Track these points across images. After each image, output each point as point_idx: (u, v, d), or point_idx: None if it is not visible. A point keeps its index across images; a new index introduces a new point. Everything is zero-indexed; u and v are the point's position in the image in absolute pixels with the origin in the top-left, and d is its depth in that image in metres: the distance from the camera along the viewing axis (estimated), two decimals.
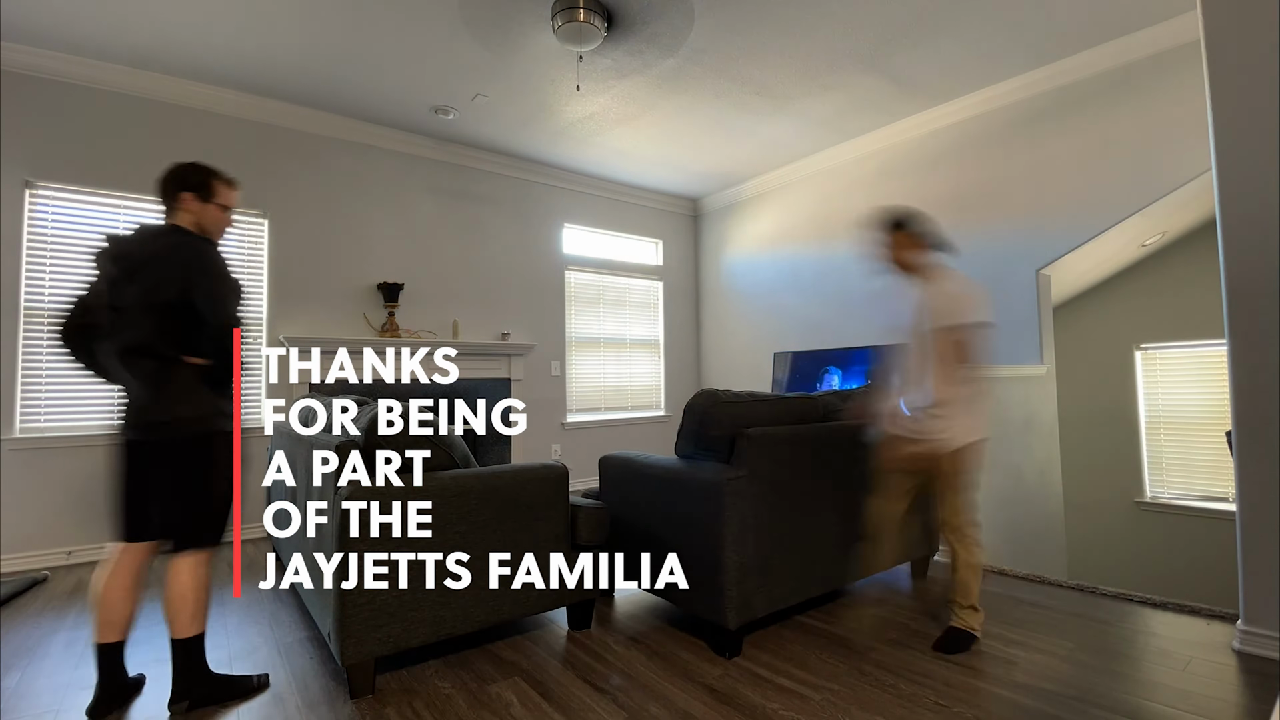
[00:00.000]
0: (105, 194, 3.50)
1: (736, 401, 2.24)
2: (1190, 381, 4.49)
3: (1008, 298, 3.90)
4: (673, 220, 6.21)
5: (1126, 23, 3.24)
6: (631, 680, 1.92)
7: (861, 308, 4.75)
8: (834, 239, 4.97)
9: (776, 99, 4.01)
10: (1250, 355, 2.03)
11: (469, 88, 3.80)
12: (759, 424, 2.23)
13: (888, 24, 3.19)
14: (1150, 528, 4.57)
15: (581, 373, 5.46)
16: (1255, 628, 2.02)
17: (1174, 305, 4.54)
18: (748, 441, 2.10)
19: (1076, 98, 3.62)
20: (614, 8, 3.01)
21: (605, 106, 4.08)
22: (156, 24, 3.09)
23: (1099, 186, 3.52)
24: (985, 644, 2.14)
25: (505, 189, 5.04)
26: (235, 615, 2.50)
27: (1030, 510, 3.62)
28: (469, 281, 4.80)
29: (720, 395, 2.22)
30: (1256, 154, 2.03)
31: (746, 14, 3.08)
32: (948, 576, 2.83)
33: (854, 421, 2.48)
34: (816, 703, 1.77)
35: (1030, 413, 3.73)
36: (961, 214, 4.15)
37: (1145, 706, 1.73)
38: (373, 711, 1.75)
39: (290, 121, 4.04)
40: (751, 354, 5.69)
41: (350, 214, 4.28)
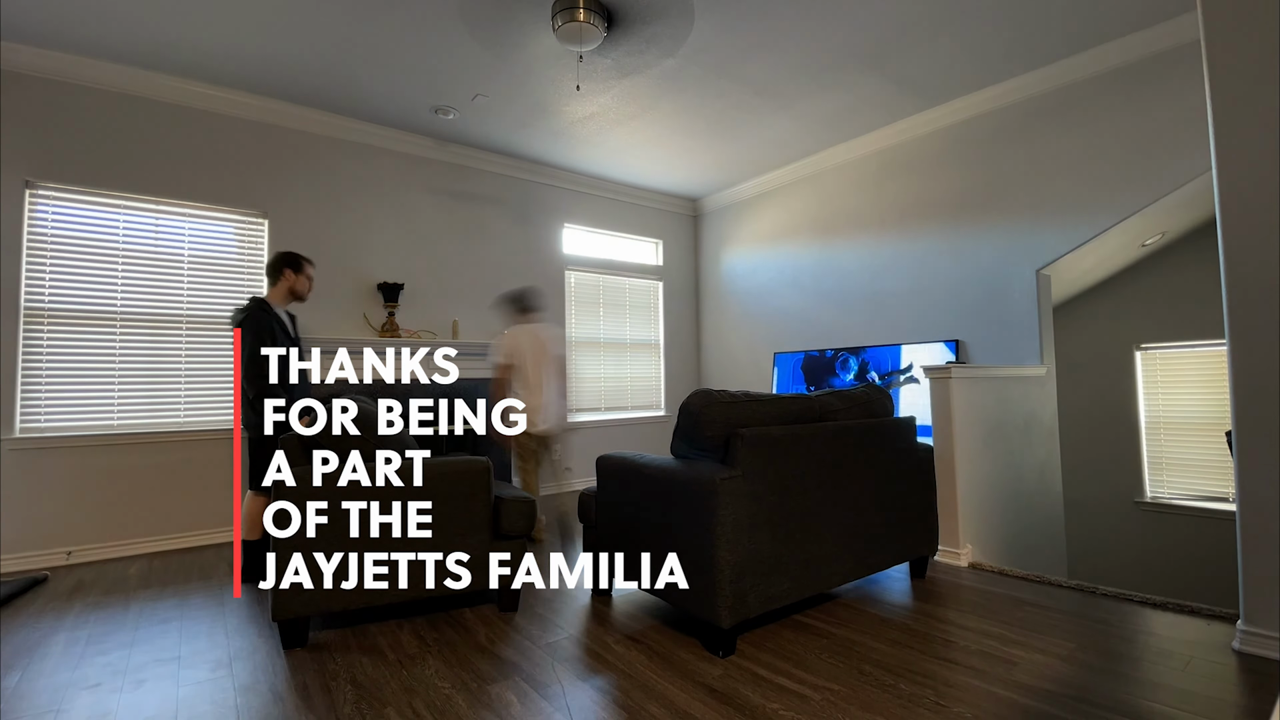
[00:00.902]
0: (105, 194, 3.50)
1: (732, 402, 2.23)
2: (1190, 381, 4.49)
3: (1008, 298, 3.90)
4: (673, 220, 6.21)
5: (1126, 23, 3.24)
6: (631, 680, 1.92)
7: (862, 308, 4.75)
8: (834, 239, 4.98)
9: (777, 99, 4.01)
10: (1250, 355, 2.03)
11: (469, 88, 3.80)
12: (754, 424, 2.23)
13: (888, 24, 3.19)
14: (1150, 528, 4.57)
15: (582, 373, 5.46)
16: (1255, 628, 2.02)
17: (1174, 305, 4.54)
18: (742, 441, 2.10)
19: (1076, 98, 3.62)
20: (614, 8, 3.01)
21: (605, 106, 4.09)
22: (156, 24, 3.09)
23: (1099, 186, 3.52)
24: (985, 644, 2.14)
25: (505, 189, 5.04)
26: (235, 615, 2.50)
27: (1030, 510, 3.62)
28: (469, 281, 4.81)
29: (715, 395, 2.22)
30: (1256, 154, 2.03)
31: (747, 14, 3.08)
32: (950, 577, 2.83)
33: (851, 421, 2.51)
34: (816, 703, 1.77)
35: (1030, 413, 3.73)
36: (961, 214, 4.15)
37: (1145, 706, 1.73)
38: (372, 711, 1.75)
39: (290, 121, 4.04)
40: (751, 354, 5.70)
41: (350, 214, 4.28)
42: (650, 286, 6.04)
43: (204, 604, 2.64)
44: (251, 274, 3.92)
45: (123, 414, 3.51)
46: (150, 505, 3.53)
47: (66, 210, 3.41)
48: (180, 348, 3.67)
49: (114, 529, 3.43)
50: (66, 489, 3.33)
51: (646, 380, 5.94)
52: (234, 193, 3.85)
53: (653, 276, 6.03)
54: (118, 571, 3.14)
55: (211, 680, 1.95)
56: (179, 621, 2.44)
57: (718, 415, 2.17)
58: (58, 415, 3.35)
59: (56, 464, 3.31)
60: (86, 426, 3.41)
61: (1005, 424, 3.48)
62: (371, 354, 4.19)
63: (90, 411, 3.43)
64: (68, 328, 3.38)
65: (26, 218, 3.30)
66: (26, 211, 3.30)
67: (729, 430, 2.15)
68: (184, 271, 3.70)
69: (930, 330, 4.30)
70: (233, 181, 3.85)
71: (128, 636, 2.30)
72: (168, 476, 3.58)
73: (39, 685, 1.93)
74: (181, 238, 3.71)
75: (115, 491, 3.44)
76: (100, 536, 3.40)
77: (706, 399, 2.21)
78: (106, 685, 1.92)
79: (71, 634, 2.34)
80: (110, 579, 3.02)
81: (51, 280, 3.35)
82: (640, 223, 5.94)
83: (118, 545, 3.43)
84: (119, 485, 3.45)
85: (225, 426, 3.75)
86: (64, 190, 3.40)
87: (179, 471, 3.62)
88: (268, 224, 3.97)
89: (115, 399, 3.49)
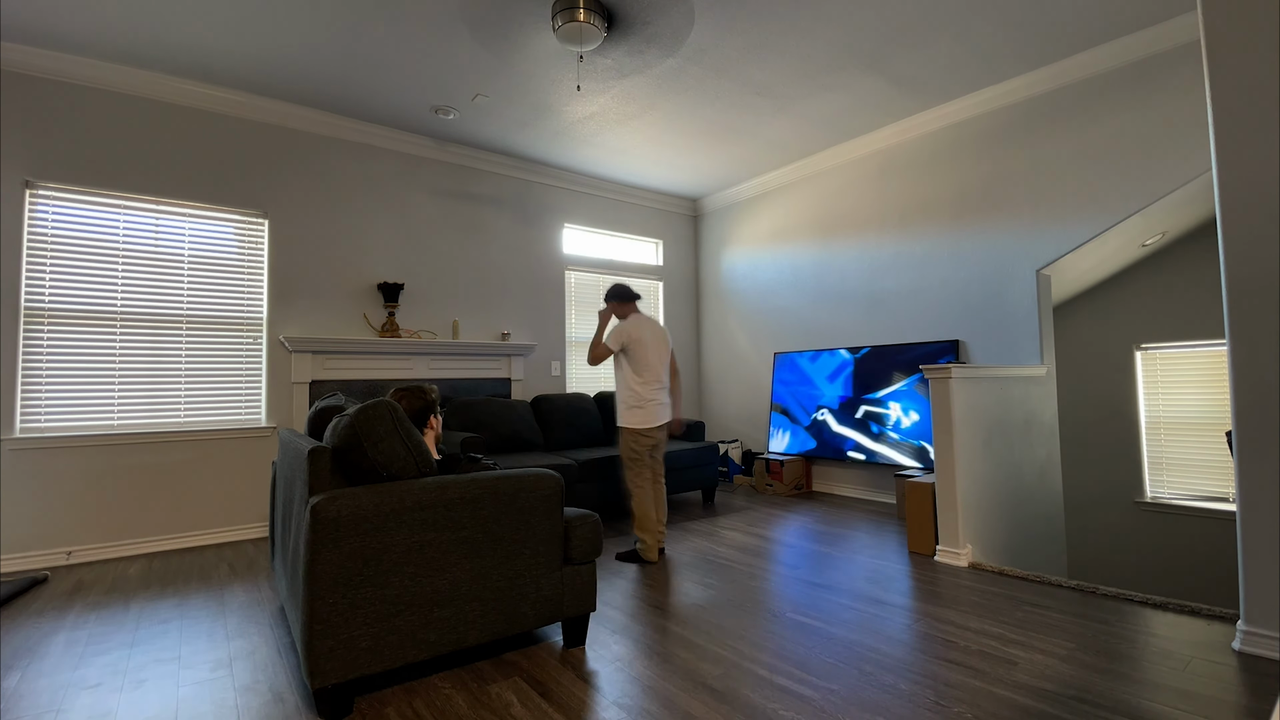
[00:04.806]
0: (105, 194, 3.50)
1: None
2: (1190, 381, 4.48)
3: (1008, 298, 3.90)
4: (673, 220, 6.21)
5: (1126, 23, 3.24)
6: (631, 679, 1.92)
7: (862, 307, 4.75)
8: (834, 239, 4.98)
9: (777, 99, 4.02)
10: (1250, 355, 2.03)
11: (469, 88, 3.80)
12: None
13: (888, 24, 3.19)
14: (1150, 528, 4.57)
15: (582, 373, 5.46)
16: (1255, 628, 2.02)
17: (1174, 305, 4.54)
18: None
19: (1076, 98, 3.62)
20: (614, 8, 3.01)
21: (605, 106, 4.09)
22: (156, 24, 3.09)
23: (1099, 186, 3.52)
24: (985, 644, 2.14)
25: (505, 189, 5.04)
26: (235, 615, 2.51)
27: (1030, 510, 3.62)
28: (469, 281, 4.81)
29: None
30: (1256, 154, 2.03)
31: (747, 14, 3.08)
32: (950, 577, 2.83)
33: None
34: (817, 702, 1.77)
35: (1030, 413, 3.73)
36: (961, 214, 4.15)
37: (1145, 706, 1.73)
38: (373, 711, 1.75)
39: (290, 121, 4.04)
40: (751, 354, 5.70)
41: (350, 214, 4.28)
42: (650, 286, 6.04)
43: (204, 604, 2.64)
44: (252, 274, 3.92)
45: (123, 414, 3.51)
46: (150, 505, 3.53)
47: (66, 210, 3.41)
48: (180, 348, 3.67)
49: (114, 529, 3.43)
50: (66, 489, 3.33)
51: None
52: (234, 193, 3.85)
53: (653, 276, 6.03)
54: (118, 571, 3.15)
55: (211, 680, 1.95)
56: (179, 621, 2.44)
57: None
58: (58, 415, 3.35)
59: (56, 464, 3.31)
60: (86, 426, 3.41)
61: (1005, 424, 3.48)
62: (372, 354, 4.19)
63: (90, 411, 3.43)
64: (68, 328, 3.38)
65: (26, 218, 3.30)
66: (26, 211, 3.30)
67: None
68: (184, 271, 3.70)
69: (930, 330, 4.30)
70: (233, 181, 3.85)
71: (128, 636, 2.30)
72: (168, 476, 3.58)
73: (39, 685, 1.93)
74: (181, 238, 3.71)
75: (115, 491, 3.44)
76: (100, 536, 3.40)
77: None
78: (106, 685, 1.92)
79: (71, 634, 2.34)
80: (110, 579, 3.02)
81: (51, 280, 3.35)
82: (640, 223, 5.94)
83: (118, 545, 3.43)
84: (119, 485, 3.45)
85: (225, 426, 3.76)
86: (64, 190, 3.40)
87: (179, 471, 3.62)
88: (268, 224, 3.97)
89: (115, 399, 3.49)
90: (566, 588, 2.13)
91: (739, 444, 5.75)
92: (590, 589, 2.18)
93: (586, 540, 2.17)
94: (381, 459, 1.83)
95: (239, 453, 3.81)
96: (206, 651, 2.17)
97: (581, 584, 2.16)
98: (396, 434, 1.87)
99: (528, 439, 4.34)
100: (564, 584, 2.13)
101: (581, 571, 2.17)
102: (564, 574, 2.13)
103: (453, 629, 1.88)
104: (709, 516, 4.16)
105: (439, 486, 1.89)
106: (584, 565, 2.18)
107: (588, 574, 2.18)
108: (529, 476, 2.09)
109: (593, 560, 2.20)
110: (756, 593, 2.69)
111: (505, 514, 2.00)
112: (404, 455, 1.88)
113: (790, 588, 2.74)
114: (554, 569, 2.10)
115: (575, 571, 2.15)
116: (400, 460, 1.87)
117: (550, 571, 2.09)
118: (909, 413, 4.25)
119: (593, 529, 2.19)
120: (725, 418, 5.98)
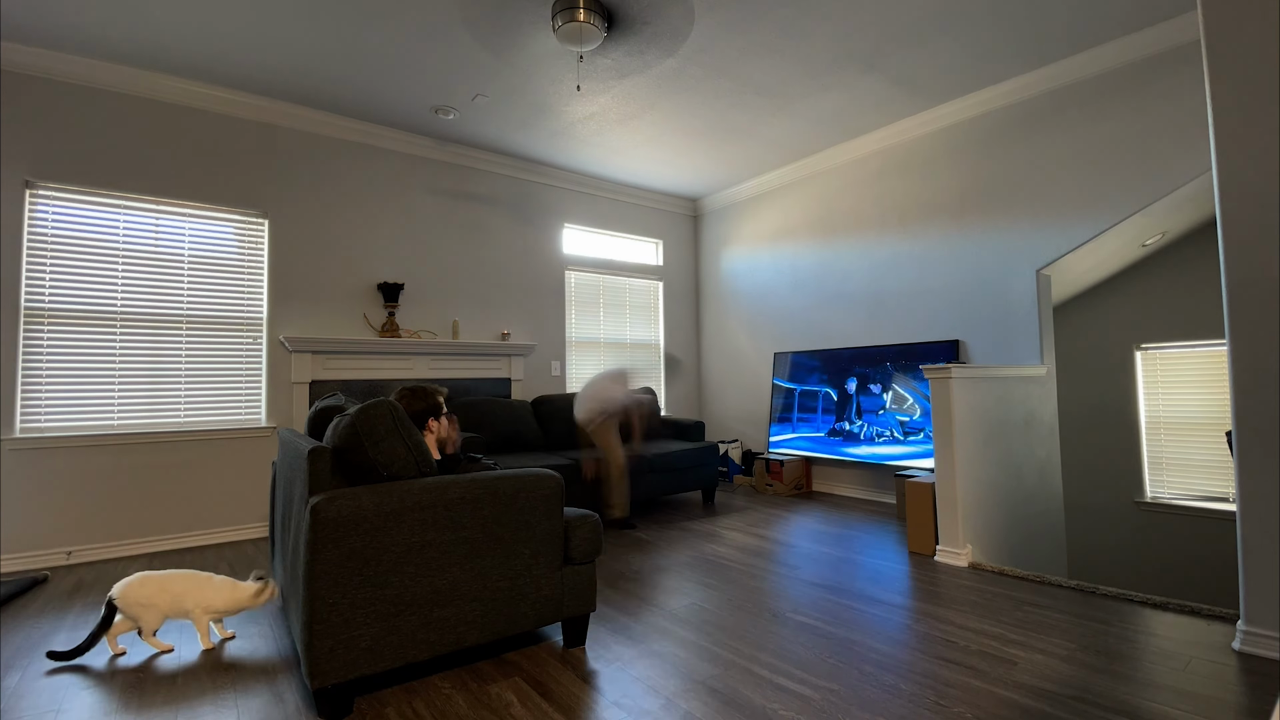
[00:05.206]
0: (105, 194, 3.50)
1: None
2: (1190, 381, 4.48)
3: (1008, 298, 3.90)
4: (673, 220, 6.21)
5: (1125, 23, 3.24)
6: (631, 679, 1.92)
7: (862, 307, 4.75)
8: (834, 239, 4.98)
9: (776, 99, 4.02)
10: (1251, 355, 2.03)
11: (469, 88, 3.80)
12: None
13: (888, 24, 3.19)
14: (1150, 528, 4.57)
15: (582, 373, 5.46)
16: (1255, 628, 2.02)
17: (1174, 305, 4.54)
18: None
19: (1076, 98, 3.62)
20: (614, 8, 3.01)
21: (605, 106, 4.09)
22: (156, 24, 3.09)
23: (1099, 186, 3.52)
24: (985, 644, 2.14)
25: (505, 189, 5.04)
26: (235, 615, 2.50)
27: (1030, 510, 3.62)
28: (469, 281, 4.81)
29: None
30: (1256, 154, 2.03)
31: (746, 14, 3.08)
32: (950, 577, 2.83)
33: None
34: (817, 703, 1.77)
35: (1030, 413, 3.73)
36: (961, 214, 4.15)
37: (1145, 706, 1.73)
38: (373, 711, 1.75)
39: (291, 121, 4.04)
40: (751, 354, 5.70)
41: (350, 214, 4.28)
42: (650, 286, 6.04)
43: None
44: (252, 274, 3.92)
45: (123, 414, 3.51)
46: (150, 505, 3.53)
47: (66, 210, 3.41)
48: (180, 348, 3.67)
49: (114, 529, 3.43)
50: (66, 489, 3.33)
51: (646, 380, 5.94)
52: (234, 193, 3.85)
53: (653, 276, 6.03)
54: (118, 571, 3.14)
55: (211, 680, 1.95)
56: (178, 621, 2.44)
57: None
58: (58, 415, 3.35)
59: (56, 464, 3.31)
60: (86, 426, 3.41)
61: (1005, 424, 3.48)
62: (372, 354, 4.19)
63: (90, 411, 3.43)
64: (68, 328, 3.38)
65: (26, 218, 3.30)
66: (26, 211, 3.30)
67: None
68: (184, 271, 3.70)
69: (930, 330, 4.30)
70: (233, 181, 3.85)
71: (127, 637, 2.30)
72: (168, 476, 3.58)
73: (39, 685, 1.93)
74: (181, 238, 3.71)
75: (115, 491, 3.44)
76: (100, 536, 3.40)
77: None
78: (106, 685, 1.92)
79: (71, 634, 2.34)
80: (110, 579, 3.02)
81: (51, 280, 3.35)
82: (640, 223, 5.94)
83: (118, 545, 3.43)
84: (119, 485, 3.45)
85: (225, 426, 3.76)
86: (64, 190, 3.40)
87: (179, 471, 3.62)
88: (268, 224, 3.97)
89: (115, 399, 3.49)
90: (566, 588, 2.13)
91: (739, 444, 5.76)
92: (590, 589, 2.18)
93: (586, 540, 2.16)
94: (382, 459, 1.83)
95: (239, 453, 3.81)
96: (206, 651, 2.17)
97: (581, 584, 2.16)
98: (397, 434, 1.87)
99: (528, 439, 4.35)
100: (564, 584, 2.13)
101: (581, 571, 2.17)
102: (564, 574, 2.13)
103: (453, 629, 1.88)
104: (709, 516, 4.16)
105: (439, 486, 1.89)
106: (584, 565, 2.18)
107: (588, 574, 2.18)
108: (529, 476, 2.09)
109: (593, 560, 2.20)
110: (757, 593, 2.69)
111: (505, 514, 2.00)
112: (404, 455, 1.88)
113: (790, 588, 2.74)
114: (554, 569, 2.10)
115: (575, 571, 2.15)
116: (400, 460, 1.87)
117: (550, 571, 2.09)
118: (909, 413, 4.25)
119: (593, 529, 2.19)
120: (725, 418, 5.99)
